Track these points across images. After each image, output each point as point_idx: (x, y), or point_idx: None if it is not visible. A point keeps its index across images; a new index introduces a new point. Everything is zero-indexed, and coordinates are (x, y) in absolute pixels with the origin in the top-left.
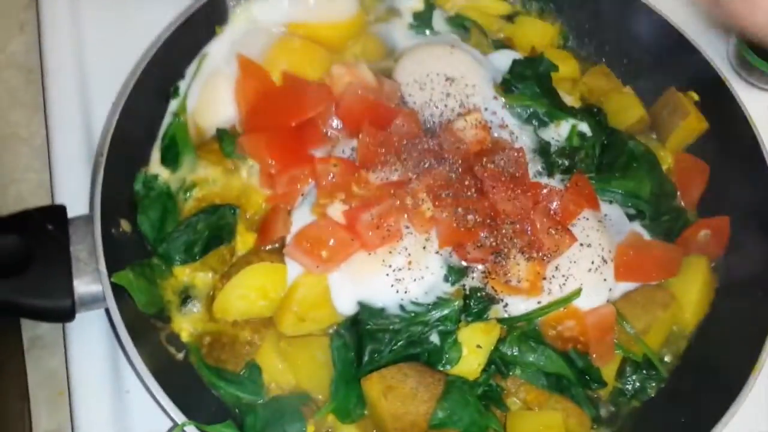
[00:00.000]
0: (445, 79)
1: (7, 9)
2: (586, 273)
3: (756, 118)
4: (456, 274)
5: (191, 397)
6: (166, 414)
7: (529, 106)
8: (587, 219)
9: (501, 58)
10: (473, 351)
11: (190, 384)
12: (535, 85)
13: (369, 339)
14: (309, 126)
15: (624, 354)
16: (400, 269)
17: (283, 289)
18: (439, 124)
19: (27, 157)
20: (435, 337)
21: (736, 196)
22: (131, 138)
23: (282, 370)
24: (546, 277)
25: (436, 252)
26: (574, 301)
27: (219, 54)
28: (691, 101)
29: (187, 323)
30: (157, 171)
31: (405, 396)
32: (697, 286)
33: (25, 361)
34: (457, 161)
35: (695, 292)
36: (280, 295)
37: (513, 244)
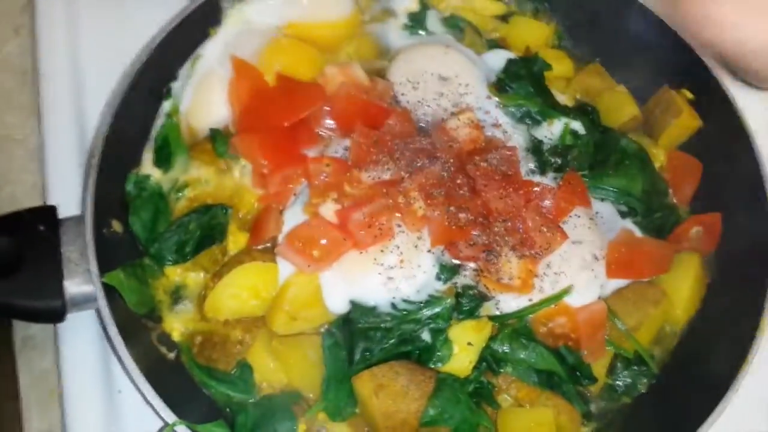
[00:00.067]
0: (439, 78)
1: (2, 12)
2: (577, 270)
3: (749, 116)
4: (448, 272)
5: (182, 397)
6: (158, 414)
7: (523, 105)
8: (579, 216)
9: (495, 58)
10: (464, 348)
11: (181, 383)
12: (528, 85)
13: (360, 337)
14: (302, 126)
15: (615, 350)
16: (392, 268)
17: (275, 289)
18: (432, 123)
19: (21, 158)
20: (426, 335)
21: (729, 194)
22: (124, 139)
23: (273, 369)
24: (538, 275)
25: (428, 250)
26: (565, 298)
27: (212, 55)
28: (684, 99)
29: (178, 323)
30: (149, 171)
31: (396, 394)
32: (688, 283)
33: (17, 361)
34: (449, 160)
35: (686, 289)
36: (271, 295)
37: (505, 242)
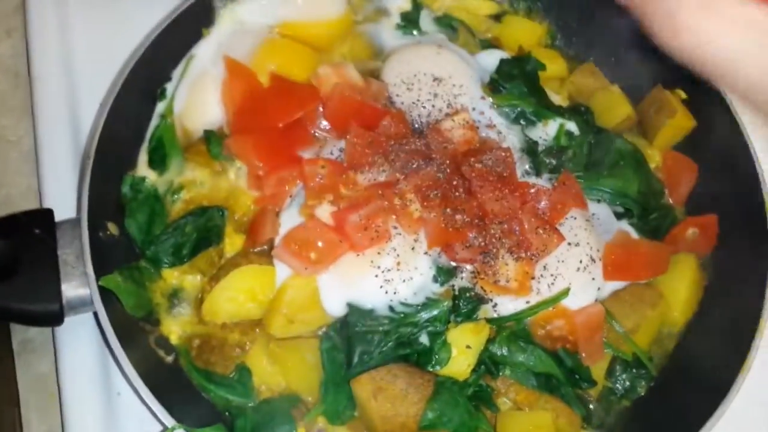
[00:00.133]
0: (433, 79)
1: None
2: (574, 272)
3: (744, 115)
4: (445, 274)
5: (181, 400)
6: (156, 417)
7: (517, 106)
8: (575, 218)
9: (488, 58)
10: (463, 351)
11: (179, 387)
12: (522, 85)
13: (358, 340)
14: (296, 127)
15: (613, 353)
16: (388, 270)
17: (272, 291)
18: (427, 124)
19: (16, 161)
20: (424, 338)
21: (724, 194)
22: (118, 140)
23: (272, 373)
24: (534, 277)
25: (425, 252)
26: (562, 301)
27: (206, 55)
28: (679, 99)
29: (176, 326)
30: (145, 173)
31: (395, 397)
32: (685, 285)
33: (15, 365)
34: (444, 161)
35: (684, 291)
36: (269, 298)
37: (501, 243)
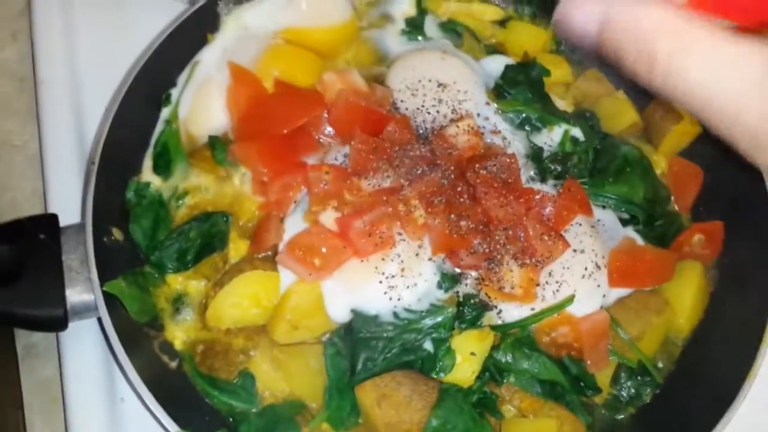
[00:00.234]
0: (437, 85)
1: (0, 18)
2: (579, 279)
3: None
4: (449, 280)
5: (185, 406)
6: (160, 423)
7: (522, 112)
8: (580, 224)
9: (493, 64)
10: (467, 358)
11: (183, 392)
12: (527, 90)
13: (362, 347)
14: (301, 133)
15: (618, 360)
16: (393, 276)
17: (276, 297)
18: (432, 130)
19: (21, 165)
20: (429, 345)
21: (730, 200)
22: (123, 146)
23: (275, 379)
24: (539, 284)
25: (429, 259)
26: (567, 308)
27: (210, 61)
28: None
29: (180, 331)
30: (149, 179)
31: (399, 404)
32: (691, 292)
33: (19, 369)
34: (449, 167)
35: (689, 298)
36: (273, 303)
37: (506, 250)
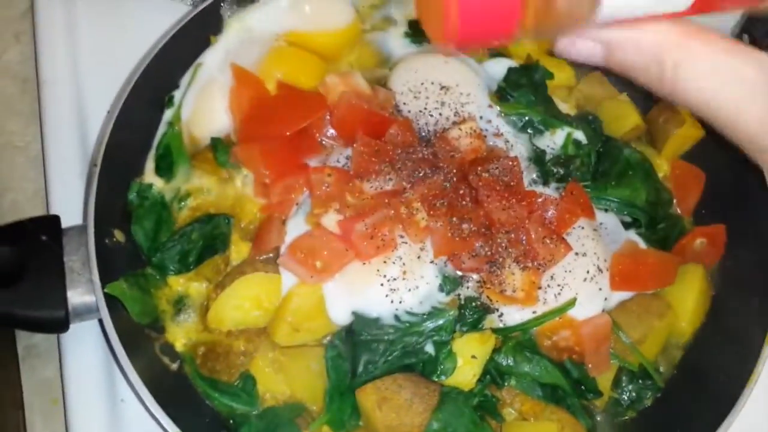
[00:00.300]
0: (440, 87)
1: (3, 19)
2: (581, 282)
3: None
4: (451, 283)
5: (185, 408)
6: (160, 425)
7: (525, 115)
8: (582, 228)
9: (496, 66)
10: (468, 361)
11: (184, 394)
12: (530, 93)
13: (363, 349)
14: (303, 135)
15: (620, 363)
16: (394, 279)
17: (278, 300)
18: (434, 132)
19: (23, 166)
20: (430, 348)
21: (733, 204)
22: (125, 147)
23: (276, 381)
24: (541, 287)
25: (431, 261)
26: (569, 311)
27: (213, 63)
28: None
29: (181, 333)
30: (152, 180)
31: (400, 407)
32: (693, 295)
33: (20, 370)
34: (451, 170)
35: (691, 301)
36: (274, 306)
37: (508, 253)
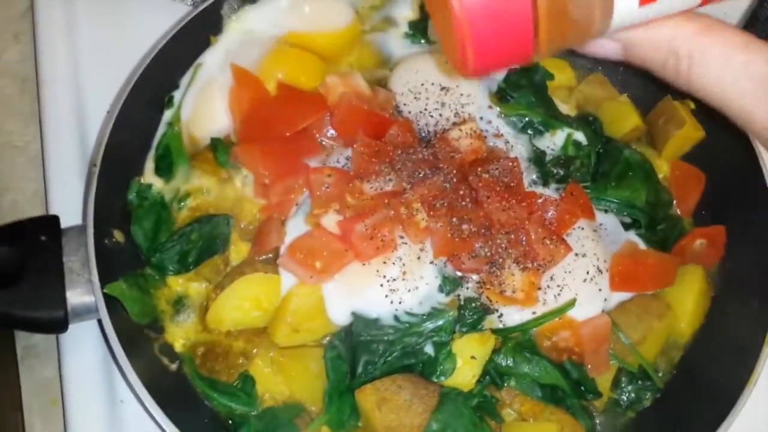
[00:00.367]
0: (440, 88)
1: (3, 18)
2: (581, 283)
3: None
4: (451, 284)
5: (184, 408)
6: (159, 426)
7: (525, 115)
8: (582, 228)
9: None
10: (468, 362)
11: (183, 395)
12: (530, 94)
13: (363, 350)
14: (303, 136)
15: (619, 364)
16: (394, 279)
17: (277, 300)
18: (434, 133)
19: (22, 166)
20: (429, 348)
21: (732, 205)
22: (125, 147)
23: (275, 381)
24: (541, 288)
25: (431, 262)
26: (569, 312)
27: (213, 64)
28: (687, 110)
29: (180, 333)
30: (151, 181)
31: (399, 408)
32: (692, 296)
33: (19, 370)
34: (451, 171)
35: (691, 302)
36: (274, 306)
37: (508, 254)
